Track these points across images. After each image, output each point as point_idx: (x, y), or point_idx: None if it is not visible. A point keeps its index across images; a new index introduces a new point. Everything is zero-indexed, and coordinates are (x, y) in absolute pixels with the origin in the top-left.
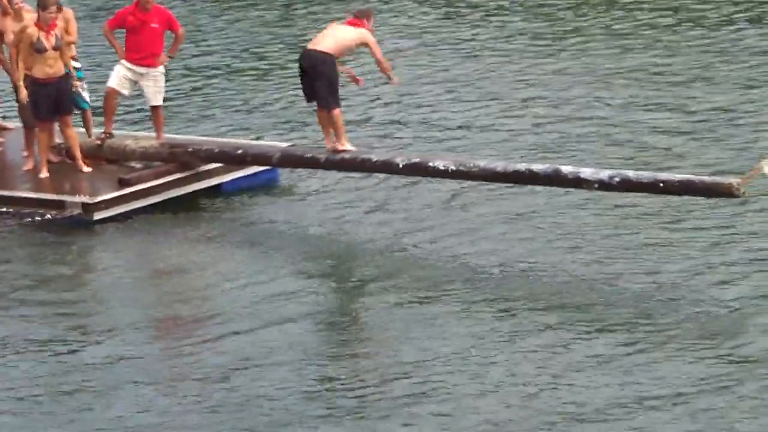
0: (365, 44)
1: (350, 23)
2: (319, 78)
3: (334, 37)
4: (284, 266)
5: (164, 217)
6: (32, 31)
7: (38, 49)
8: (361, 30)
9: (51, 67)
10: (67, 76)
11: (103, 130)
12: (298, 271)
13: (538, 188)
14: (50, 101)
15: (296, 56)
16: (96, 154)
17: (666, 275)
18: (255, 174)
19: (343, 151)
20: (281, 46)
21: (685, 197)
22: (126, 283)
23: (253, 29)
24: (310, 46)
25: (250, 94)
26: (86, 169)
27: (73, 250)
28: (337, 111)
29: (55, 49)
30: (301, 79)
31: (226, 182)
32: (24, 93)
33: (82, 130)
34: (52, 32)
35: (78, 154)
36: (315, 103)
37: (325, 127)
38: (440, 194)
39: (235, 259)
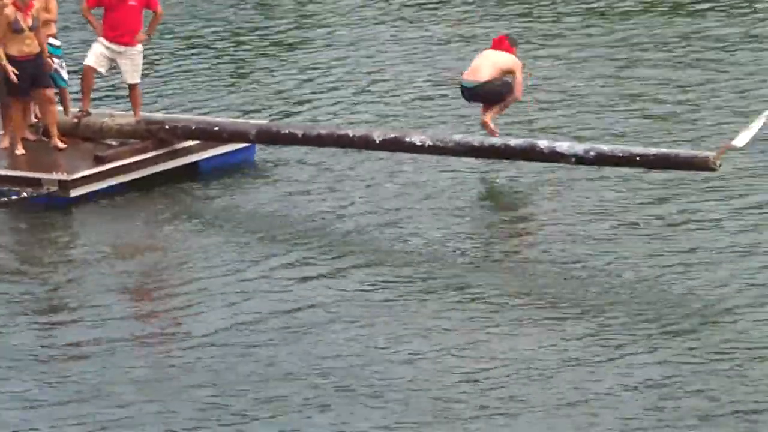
0: (512, 71)
1: (501, 47)
2: (486, 101)
3: (489, 65)
4: (259, 244)
5: (141, 195)
6: (9, 11)
7: (16, 30)
8: (514, 57)
9: (28, 46)
10: (43, 54)
11: (80, 108)
12: (272, 249)
13: (514, 164)
14: (27, 79)
15: (276, 35)
16: (73, 132)
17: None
18: (232, 152)
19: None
20: (260, 24)
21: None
22: (100, 260)
23: (232, 7)
24: (467, 77)
25: (227, 73)
26: (62, 145)
27: (49, 227)
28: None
29: (31, 29)
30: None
31: (203, 160)
32: (8, 68)
33: (60, 108)
34: (30, 12)
35: (54, 131)
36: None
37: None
38: (415, 173)
39: (210, 236)
